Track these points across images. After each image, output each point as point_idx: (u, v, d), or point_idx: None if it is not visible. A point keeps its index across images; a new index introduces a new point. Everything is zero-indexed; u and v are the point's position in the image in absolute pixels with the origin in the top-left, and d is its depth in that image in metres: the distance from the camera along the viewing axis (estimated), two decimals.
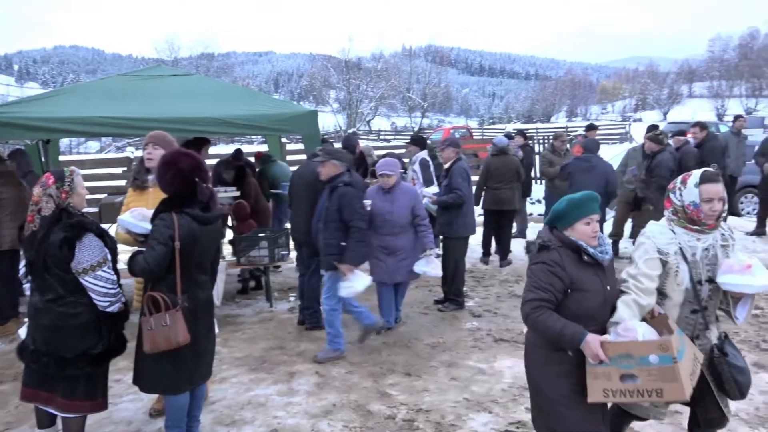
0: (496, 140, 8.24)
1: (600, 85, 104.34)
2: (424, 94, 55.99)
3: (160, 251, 3.01)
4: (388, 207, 5.26)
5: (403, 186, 5.40)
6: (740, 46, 71.27)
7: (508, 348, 5.07)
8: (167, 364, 3.11)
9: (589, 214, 2.62)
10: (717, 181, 2.74)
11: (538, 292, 2.56)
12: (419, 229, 5.31)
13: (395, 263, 5.30)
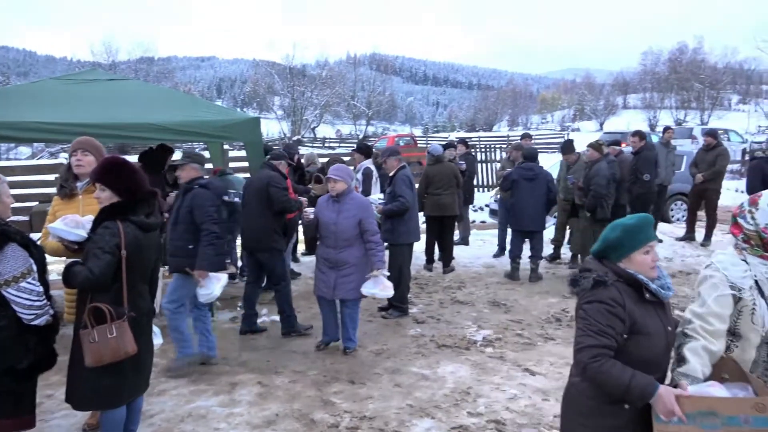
0: (431, 149, 8.41)
1: (540, 96, 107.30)
2: (368, 101, 56.26)
3: (106, 260, 2.92)
4: (333, 217, 4.96)
5: (354, 197, 5.07)
6: (670, 60, 74.56)
7: (450, 354, 5.14)
8: (107, 377, 3.01)
9: (647, 242, 2.28)
10: None
11: (597, 337, 2.17)
12: (368, 246, 4.95)
13: (338, 278, 4.98)
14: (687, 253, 9.15)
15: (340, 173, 4.98)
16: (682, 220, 11.13)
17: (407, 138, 31.48)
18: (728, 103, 72.99)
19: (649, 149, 8.30)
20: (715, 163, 9.47)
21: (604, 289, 2.22)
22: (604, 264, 2.31)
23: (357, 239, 4.96)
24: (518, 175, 7.68)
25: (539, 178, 7.53)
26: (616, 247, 2.30)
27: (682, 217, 11.27)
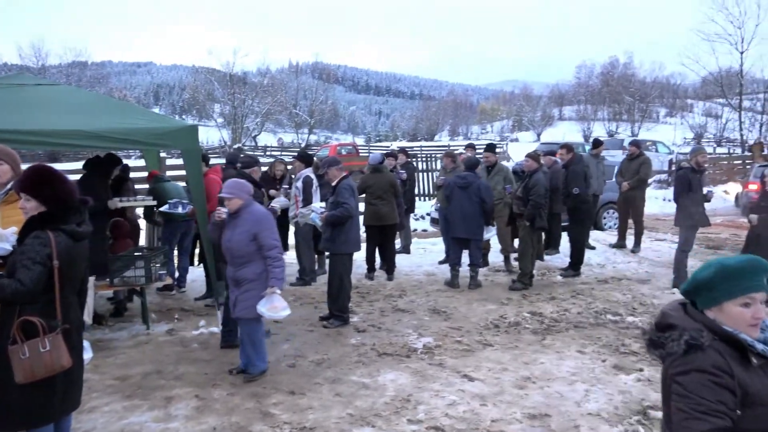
0: (371, 158, 8.47)
1: (480, 106, 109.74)
2: (311, 110, 56.02)
3: (37, 271, 2.80)
4: (228, 234, 4.73)
5: (251, 211, 4.72)
6: (603, 73, 77.56)
7: (391, 362, 5.17)
8: (38, 394, 2.88)
9: (751, 291, 1.79)
10: None
11: (710, 419, 1.67)
12: (267, 262, 4.65)
13: (238, 296, 4.73)
14: (618, 260, 9.51)
15: (231, 190, 4.69)
16: (614, 227, 11.56)
17: (349, 147, 31.56)
18: (656, 116, 76.45)
19: (577, 163, 8.57)
20: (639, 171, 9.92)
21: (701, 354, 1.74)
22: (689, 314, 1.86)
23: (256, 255, 4.66)
24: (453, 184, 7.83)
25: (472, 187, 7.68)
26: (705, 290, 1.84)
27: (614, 224, 11.71)
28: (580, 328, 6.11)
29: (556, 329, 6.05)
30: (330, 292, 6.23)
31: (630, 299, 7.22)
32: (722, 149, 40.75)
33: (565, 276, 8.36)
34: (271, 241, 4.65)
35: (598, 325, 6.21)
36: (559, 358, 5.22)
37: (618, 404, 4.30)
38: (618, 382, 4.71)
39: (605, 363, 5.12)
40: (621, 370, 4.96)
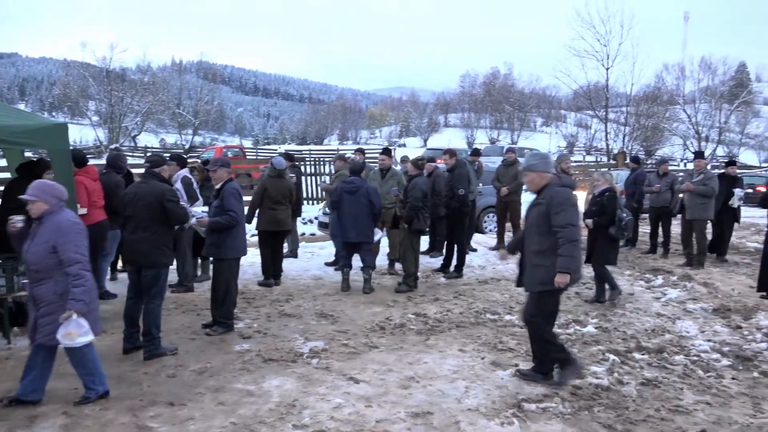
0: (275, 162, 8.30)
1: (368, 111, 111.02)
2: (195, 111, 54.09)
3: None
4: (27, 243, 4.14)
5: (53, 219, 4.10)
6: (485, 83, 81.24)
7: (276, 367, 5.10)
8: None
9: None
10: None
11: None
12: (68, 279, 4.05)
13: (38, 319, 4.15)
14: (498, 262, 9.97)
15: (35, 192, 4.09)
16: (493, 230, 12.12)
17: (236, 149, 30.82)
18: (534, 125, 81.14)
19: (461, 166, 8.93)
20: (516, 176, 10.50)
21: None
22: None
23: (56, 271, 4.07)
24: (341, 189, 7.91)
25: (360, 191, 7.77)
26: None
27: (493, 227, 12.28)
28: (461, 327, 6.35)
29: (440, 329, 6.25)
30: (214, 298, 6.05)
31: (508, 299, 7.60)
32: (591, 157, 43.96)
33: (448, 278, 8.65)
34: (72, 254, 4.03)
35: (478, 324, 6.48)
36: (442, 357, 5.40)
37: (495, 399, 4.51)
38: (495, 377, 4.94)
39: (484, 360, 5.35)
40: (498, 366, 5.21)
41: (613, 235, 7.35)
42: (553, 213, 4.55)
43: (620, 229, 7.29)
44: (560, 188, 4.71)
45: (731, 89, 46.03)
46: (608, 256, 7.50)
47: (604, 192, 7.40)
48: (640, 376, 5.02)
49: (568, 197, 4.65)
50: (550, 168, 4.86)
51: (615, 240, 7.42)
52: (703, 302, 7.61)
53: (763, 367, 5.33)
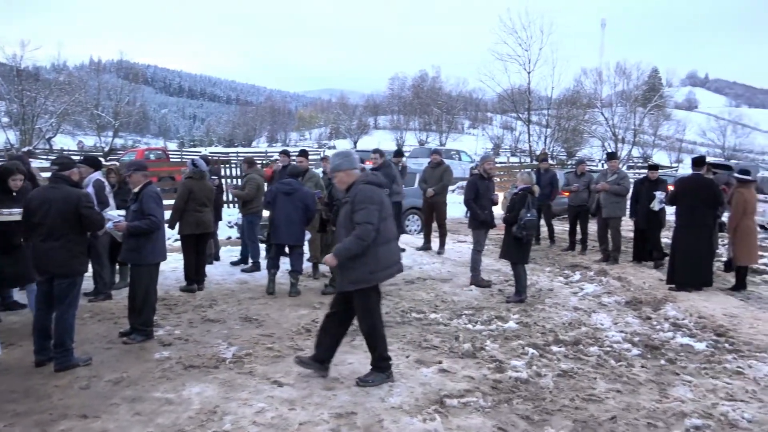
0: (198, 163, 8.09)
1: (298, 113, 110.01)
2: (116, 112, 51.99)
3: None
4: None
5: None
6: (414, 86, 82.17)
7: (197, 374, 4.98)
8: None
9: None
10: None
11: None
12: None
13: None
14: (425, 261, 10.12)
15: None
16: (415, 232, 12.30)
17: (158, 152, 29.88)
18: (462, 127, 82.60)
19: (388, 166, 9.02)
20: (442, 178, 10.69)
21: None
22: None
23: None
24: (277, 190, 7.83)
25: (297, 194, 7.74)
26: None
27: (416, 228, 12.46)
28: (387, 327, 6.32)
29: None
30: (132, 305, 5.84)
31: (433, 297, 7.72)
32: (515, 158, 45.25)
33: None
34: None
35: (403, 323, 6.55)
36: (367, 357, 5.37)
37: (418, 396, 4.57)
38: (419, 375, 5.01)
39: (408, 358, 5.41)
40: (422, 363, 5.28)
41: (514, 234, 7.48)
42: (355, 210, 4.55)
43: (520, 228, 7.39)
44: (365, 186, 4.65)
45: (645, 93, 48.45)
46: (512, 254, 7.65)
47: (520, 191, 7.63)
48: (557, 368, 5.21)
49: (371, 195, 4.59)
50: (355, 165, 4.80)
51: (519, 239, 7.51)
52: (617, 296, 7.98)
53: (670, 355, 5.64)
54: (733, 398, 4.68)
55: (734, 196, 8.58)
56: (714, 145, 70.52)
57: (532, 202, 7.54)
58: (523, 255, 7.69)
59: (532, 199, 7.55)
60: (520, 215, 7.39)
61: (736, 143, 70.24)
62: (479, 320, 6.66)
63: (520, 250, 7.64)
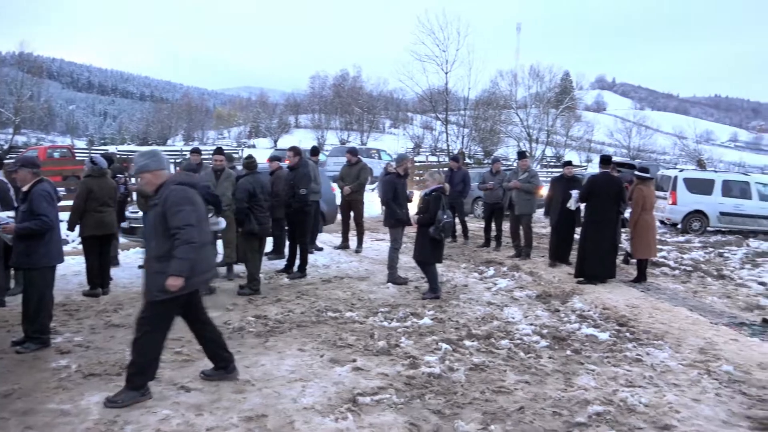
0: (98, 160, 7.68)
1: (216, 111, 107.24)
2: (17, 107, 48.88)
3: None
4: None
5: None
6: (335, 85, 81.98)
7: (98, 383, 4.71)
8: None
9: None
10: None
11: None
12: None
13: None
14: (342, 260, 10.08)
15: None
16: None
17: (64, 150, 28.30)
18: (383, 127, 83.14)
19: (304, 165, 8.89)
20: (359, 176, 10.68)
21: None
22: None
23: None
24: None
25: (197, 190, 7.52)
26: None
27: None
28: (302, 327, 6.30)
29: (280, 330, 6.16)
30: (26, 312, 5.45)
31: (350, 296, 7.69)
32: (435, 158, 45.98)
33: (291, 278, 8.57)
34: None
35: (319, 322, 6.48)
36: (280, 358, 5.32)
37: (331, 395, 4.52)
38: (333, 374, 4.96)
39: (323, 358, 5.35)
40: (337, 362, 5.23)
41: (432, 235, 7.52)
42: (170, 214, 4.17)
43: (438, 230, 7.45)
44: (176, 186, 4.29)
45: (557, 95, 50.43)
46: (428, 254, 7.68)
47: (432, 191, 7.69)
48: (469, 362, 5.30)
49: (185, 195, 4.26)
50: (163, 165, 4.43)
51: (435, 239, 7.56)
52: (528, 290, 8.23)
53: (575, 345, 5.86)
54: (632, 384, 4.91)
55: (635, 193, 9.05)
56: (620, 145, 74.34)
57: (445, 202, 7.62)
58: (438, 255, 7.77)
59: (445, 199, 7.64)
60: (437, 217, 7.44)
61: (640, 144, 74.30)
62: (395, 317, 6.69)
63: (436, 251, 7.71)
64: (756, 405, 4.57)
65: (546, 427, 4.10)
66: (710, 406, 4.52)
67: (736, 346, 6.03)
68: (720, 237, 15.15)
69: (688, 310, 7.46)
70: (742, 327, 6.78)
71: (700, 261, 11.13)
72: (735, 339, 6.27)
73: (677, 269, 10.24)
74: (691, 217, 15.71)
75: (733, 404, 4.57)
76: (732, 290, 8.85)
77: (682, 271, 10.09)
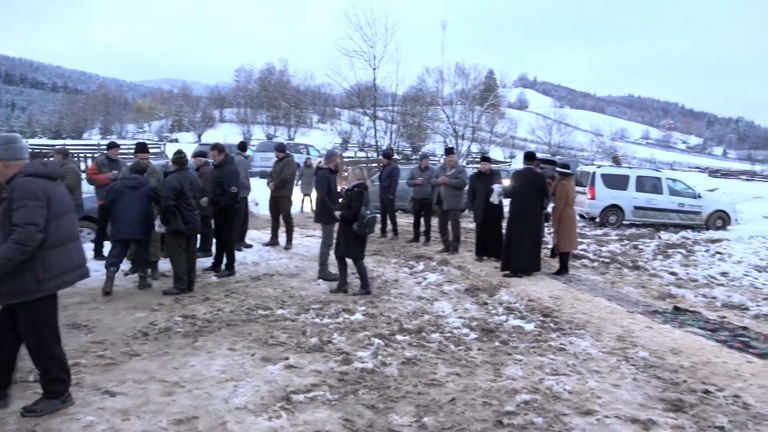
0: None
1: (135, 104, 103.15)
2: None
3: None
4: None
5: None
6: (261, 79, 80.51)
7: (14, 390, 4.45)
8: None
9: None
10: None
11: None
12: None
13: None
14: (272, 257, 9.95)
15: None
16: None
17: None
18: (310, 122, 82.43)
19: (230, 162, 8.70)
20: (282, 172, 10.57)
21: None
22: None
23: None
24: (122, 185, 7.59)
25: (142, 189, 7.57)
26: None
27: None
28: (232, 326, 6.19)
29: (209, 330, 6.02)
30: None
31: (280, 293, 7.61)
32: (363, 153, 46.08)
33: (219, 276, 8.39)
34: None
35: (249, 321, 6.38)
36: (210, 358, 5.20)
37: (264, 394, 4.46)
38: (265, 373, 4.90)
39: (254, 356, 5.27)
40: (269, 361, 5.17)
41: (356, 231, 7.52)
42: (13, 208, 3.76)
43: (362, 226, 7.46)
44: (24, 179, 3.84)
45: (482, 93, 51.64)
46: (351, 250, 7.67)
47: (354, 187, 7.66)
48: (402, 356, 5.36)
49: (30, 189, 3.80)
50: (16, 155, 3.94)
51: (358, 235, 7.58)
52: (457, 284, 8.41)
53: (503, 337, 6.04)
54: (557, 373, 5.11)
55: (558, 188, 9.40)
56: (542, 142, 77.00)
57: (367, 197, 7.64)
58: (362, 251, 7.80)
59: (367, 194, 7.66)
60: (361, 213, 7.45)
61: (560, 141, 77.23)
62: (327, 314, 6.67)
63: (359, 246, 7.72)
64: (669, 388, 4.86)
65: (477, 417, 4.21)
66: (628, 390, 4.77)
67: (650, 333, 6.39)
68: (635, 230, 15.99)
69: (607, 300, 7.83)
70: (656, 315, 7.19)
71: (617, 253, 11.71)
72: (650, 326, 6.64)
73: (596, 261, 10.73)
74: (608, 211, 16.49)
75: (649, 388, 4.85)
76: (646, 280, 9.37)
77: (601, 263, 10.58)
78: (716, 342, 6.15)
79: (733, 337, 6.38)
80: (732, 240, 14.00)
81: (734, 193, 32.60)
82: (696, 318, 7.12)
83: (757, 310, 7.65)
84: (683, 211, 16.73)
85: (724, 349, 5.92)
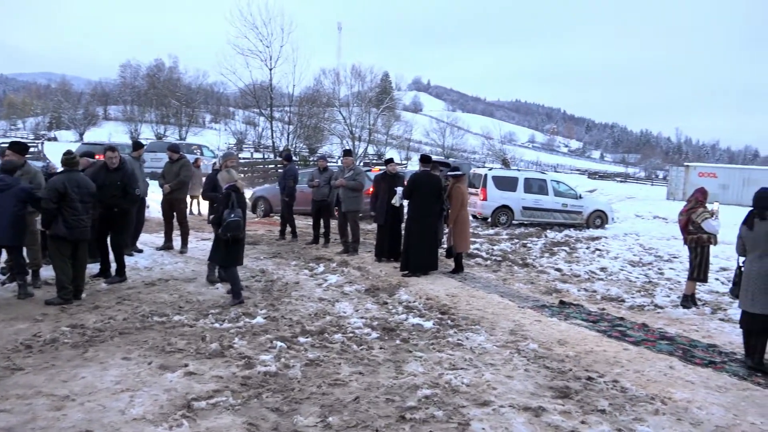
0: None
1: (7, 99, 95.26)
2: None
3: None
4: None
5: None
6: (149, 75, 76.88)
7: None
8: None
9: None
10: None
11: None
12: None
13: None
14: (166, 261, 9.60)
15: None
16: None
17: None
18: (203, 121, 79.83)
19: (125, 163, 8.30)
20: (179, 173, 10.24)
21: None
22: None
23: None
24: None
25: (12, 190, 6.87)
26: None
27: None
28: (125, 334, 5.92)
29: (100, 339, 5.72)
30: None
31: (177, 298, 7.37)
32: (259, 154, 45.33)
33: (110, 283, 7.98)
34: None
35: (144, 328, 6.13)
36: (103, 369, 4.96)
37: (163, 403, 4.33)
38: (163, 381, 4.74)
39: (151, 365, 5.09)
40: (167, 369, 5.01)
41: (219, 235, 7.18)
42: None
43: (224, 230, 7.04)
44: None
45: (378, 95, 52.43)
46: (223, 257, 7.34)
47: (226, 190, 7.34)
48: (305, 358, 5.38)
49: None
50: None
51: (226, 240, 7.15)
52: (357, 284, 8.51)
53: (404, 335, 6.21)
54: (455, 367, 5.33)
55: (453, 191, 9.74)
56: (436, 144, 79.21)
57: (237, 200, 7.22)
58: (233, 257, 7.35)
59: (237, 197, 7.25)
60: (223, 216, 7.08)
61: (453, 143, 79.78)
62: (226, 318, 6.55)
63: (228, 253, 7.28)
64: (557, 377, 5.21)
65: (380, 414, 4.32)
66: (521, 381, 5.07)
67: (539, 326, 6.81)
68: (523, 229, 16.87)
69: (500, 296, 8.24)
70: (544, 309, 7.66)
71: (508, 251, 12.32)
72: (538, 320, 7.07)
73: (489, 259, 11.24)
74: (499, 212, 17.29)
75: (539, 377, 5.18)
76: (534, 276, 9.94)
77: (493, 261, 11.10)
78: (597, 332, 6.66)
79: (611, 327, 6.93)
80: (609, 237, 15.15)
81: (611, 193, 35.25)
82: (579, 311, 7.66)
83: (631, 301, 8.37)
84: (566, 211, 17.85)
85: (604, 339, 6.43)
